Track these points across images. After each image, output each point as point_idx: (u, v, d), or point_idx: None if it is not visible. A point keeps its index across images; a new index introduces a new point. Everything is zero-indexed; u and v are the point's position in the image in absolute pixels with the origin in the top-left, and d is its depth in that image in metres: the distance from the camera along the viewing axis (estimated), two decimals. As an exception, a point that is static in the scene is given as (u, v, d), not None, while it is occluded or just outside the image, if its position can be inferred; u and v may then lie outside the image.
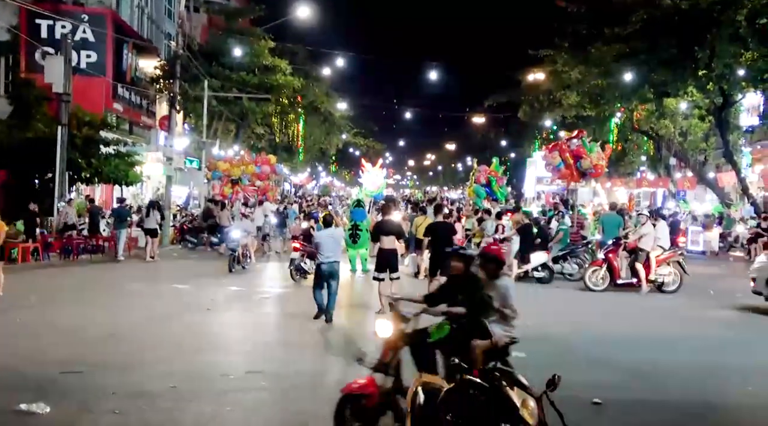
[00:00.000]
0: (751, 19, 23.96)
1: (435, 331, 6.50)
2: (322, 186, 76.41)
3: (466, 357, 5.97)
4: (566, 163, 25.37)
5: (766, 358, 10.53)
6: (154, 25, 38.60)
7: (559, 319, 13.47)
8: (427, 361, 6.25)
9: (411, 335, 6.41)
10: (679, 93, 30.49)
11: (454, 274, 7.03)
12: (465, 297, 6.66)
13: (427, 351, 6.34)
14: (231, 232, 20.12)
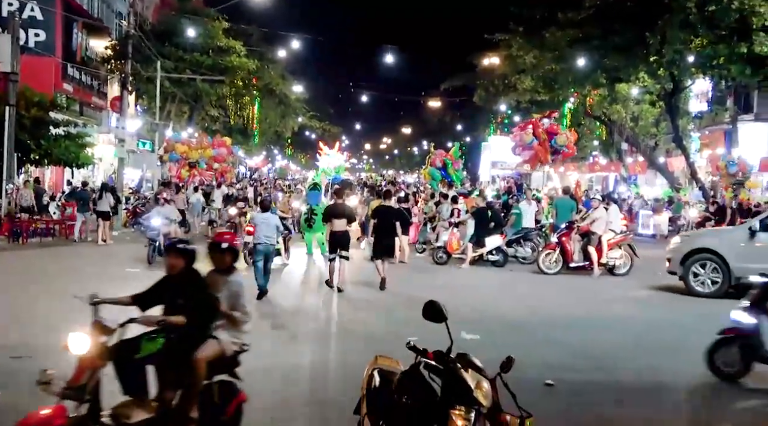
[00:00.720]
0: (701, 6, 24.35)
1: (146, 344, 5.42)
2: (277, 169, 75.92)
3: (186, 373, 5.42)
4: (540, 140, 25.58)
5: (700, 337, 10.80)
6: (104, 4, 37.78)
7: (513, 301, 13.65)
8: (136, 382, 5.34)
9: (114, 350, 5.33)
10: (631, 78, 30.93)
11: (171, 272, 5.72)
12: (185, 300, 5.50)
13: (136, 369, 5.35)
14: (151, 220, 17.47)
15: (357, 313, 12.06)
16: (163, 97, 35.57)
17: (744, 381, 8.25)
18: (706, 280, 14.24)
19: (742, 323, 8.23)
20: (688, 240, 15.10)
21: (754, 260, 13.60)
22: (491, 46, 39.55)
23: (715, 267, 14.12)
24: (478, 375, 4.18)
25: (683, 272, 14.41)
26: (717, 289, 14.03)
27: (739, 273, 13.84)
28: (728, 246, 14.19)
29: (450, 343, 4.42)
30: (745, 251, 13.96)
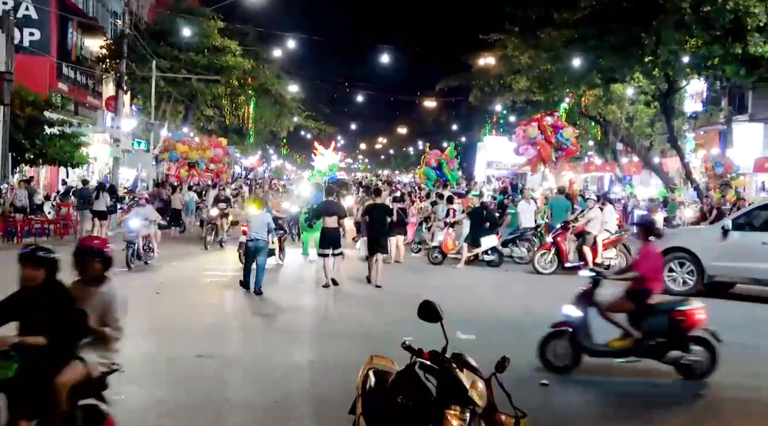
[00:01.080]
0: (696, 6, 24.40)
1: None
2: (273, 169, 75.85)
3: (44, 401, 4.77)
4: (545, 135, 25.56)
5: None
6: (100, 3, 37.67)
7: (509, 301, 13.66)
8: None
9: None
10: (626, 79, 30.98)
11: (29, 284, 4.98)
12: (45, 316, 4.83)
13: None
14: (129, 221, 16.82)
15: (352, 313, 12.06)
16: (158, 97, 35.52)
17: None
18: (679, 279, 14.38)
19: (571, 317, 8.46)
20: (662, 239, 15.14)
21: (726, 259, 13.95)
22: (487, 47, 39.57)
23: (689, 265, 14.29)
24: (474, 375, 4.19)
25: None
26: (690, 287, 14.17)
27: (712, 272, 14.13)
28: (702, 245, 14.36)
29: (445, 343, 4.42)
30: (718, 250, 14.13)
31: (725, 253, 14.03)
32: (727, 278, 14.45)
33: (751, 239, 14.00)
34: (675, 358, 8.14)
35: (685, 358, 8.12)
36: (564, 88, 33.79)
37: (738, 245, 14.00)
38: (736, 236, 14.05)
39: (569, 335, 8.38)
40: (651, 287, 8.51)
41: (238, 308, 12.55)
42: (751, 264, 13.78)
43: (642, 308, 8.40)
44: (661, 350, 8.18)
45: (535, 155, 26.27)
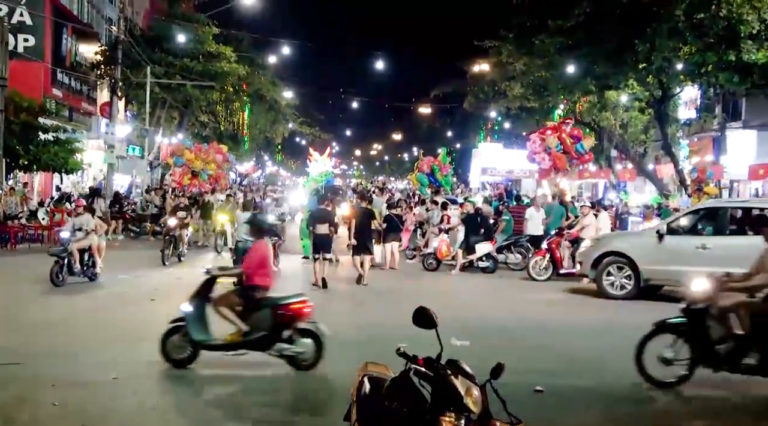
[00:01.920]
0: (689, 14, 24.49)
1: None
2: (267, 175, 75.84)
3: None
4: (564, 146, 25.50)
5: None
6: (94, 9, 37.71)
7: (503, 308, 13.66)
8: None
9: None
10: (620, 85, 31.03)
11: None
12: None
13: None
14: (60, 232, 15.52)
15: (346, 319, 12.04)
16: (152, 103, 35.51)
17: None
18: (617, 283, 14.61)
19: (184, 312, 8.69)
20: (599, 244, 15.39)
21: (662, 263, 14.25)
22: (481, 53, 39.65)
23: (626, 270, 14.55)
24: (468, 381, 4.18)
25: (596, 275, 14.78)
26: (628, 291, 14.48)
27: (648, 275, 14.46)
28: (637, 249, 14.59)
29: (440, 350, 4.42)
30: (653, 254, 14.38)
31: (661, 257, 14.33)
32: (662, 282, 14.81)
33: (686, 243, 14.36)
34: (280, 350, 8.43)
35: (290, 350, 8.43)
36: (558, 95, 33.85)
37: (673, 249, 14.30)
38: (671, 240, 14.37)
39: (183, 330, 8.56)
40: (255, 282, 8.77)
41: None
42: (685, 267, 13.73)
43: (249, 303, 8.68)
44: (267, 342, 8.44)
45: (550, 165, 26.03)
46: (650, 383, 8.19)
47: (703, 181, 27.85)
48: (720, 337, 8.15)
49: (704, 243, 14.11)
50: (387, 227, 18.68)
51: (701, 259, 13.75)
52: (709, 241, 14.17)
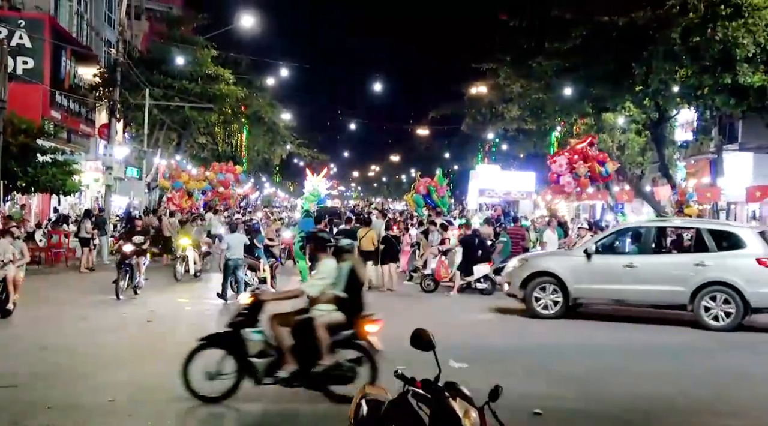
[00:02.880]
0: (685, 36, 24.68)
1: None
2: (264, 197, 75.88)
3: None
4: (592, 172, 25.46)
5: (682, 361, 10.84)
6: (93, 32, 37.90)
7: (502, 329, 13.64)
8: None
9: None
10: (617, 108, 31.19)
11: None
12: None
13: None
14: None
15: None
16: (151, 125, 35.60)
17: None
18: (545, 302, 14.68)
19: None
20: (527, 263, 15.40)
21: (590, 282, 14.48)
22: (479, 75, 39.86)
23: (555, 289, 14.63)
24: (467, 404, 4.18)
25: (526, 295, 14.81)
26: (557, 310, 14.57)
27: (577, 294, 14.67)
28: (566, 269, 14.69)
29: (438, 372, 4.42)
30: (582, 274, 14.54)
31: (589, 276, 14.52)
32: (590, 300, 15.01)
33: (613, 262, 14.65)
34: None
35: None
36: (556, 117, 34.01)
37: (601, 268, 14.50)
38: (598, 260, 14.55)
39: None
40: None
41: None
42: (613, 286, 14.41)
43: None
44: None
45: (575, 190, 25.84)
46: (196, 398, 8.03)
47: (684, 203, 28.01)
48: (260, 350, 8.16)
49: (631, 262, 14.42)
50: (384, 249, 18.70)
51: (629, 278, 14.21)
52: (636, 260, 14.49)
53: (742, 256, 14.00)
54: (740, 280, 13.60)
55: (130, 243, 16.53)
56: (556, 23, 28.90)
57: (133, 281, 16.39)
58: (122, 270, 16.00)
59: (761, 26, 23.65)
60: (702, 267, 13.96)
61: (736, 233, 14.73)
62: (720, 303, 13.72)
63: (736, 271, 13.76)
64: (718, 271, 13.85)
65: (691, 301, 13.91)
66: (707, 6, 24.44)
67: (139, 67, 32.87)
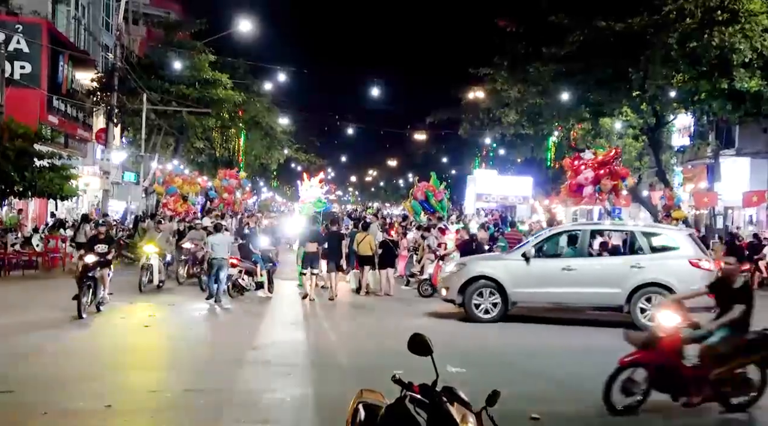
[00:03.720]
0: (682, 42, 24.74)
1: None
2: (260, 201, 75.85)
3: None
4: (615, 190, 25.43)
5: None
6: (91, 37, 37.90)
7: (499, 334, 13.62)
8: None
9: None
10: (614, 113, 31.28)
11: None
12: None
13: None
14: None
15: (342, 346, 12.01)
16: (148, 129, 35.58)
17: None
18: (484, 306, 14.62)
19: None
20: (466, 268, 15.24)
21: (529, 285, 14.52)
22: (476, 80, 39.88)
23: (493, 293, 14.61)
24: (464, 409, 4.18)
25: (465, 300, 14.70)
26: (495, 314, 14.54)
27: (516, 298, 14.67)
28: (505, 273, 14.69)
29: (435, 377, 4.41)
30: (520, 277, 14.57)
31: (528, 279, 14.55)
32: (529, 304, 15.04)
33: (551, 265, 14.78)
34: None
35: None
36: (553, 122, 34.08)
37: (539, 271, 14.59)
38: (537, 263, 14.65)
39: None
40: None
41: (228, 342, 12.46)
42: (552, 289, 14.51)
43: None
44: None
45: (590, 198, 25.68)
46: None
47: (672, 207, 28.08)
48: None
49: (569, 265, 14.57)
50: (383, 253, 18.69)
51: (567, 281, 14.33)
52: (574, 263, 14.63)
53: (676, 257, 14.37)
54: (674, 281, 13.85)
55: (92, 253, 14.56)
56: (553, 29, 28.97)
57: (96, 297, 14.43)
58: (84, 284, 13.91)
59: (758, 32, 23.75)
60: (638, 269, 14.25)
61: (669, 235, 15.23)
62: (655, 304, 13.83)
63: (671, 272, 14.08)
64: (654, 272, 14.16)
65: (627, 303, 14.14)
66: (704, 12, 24.54)
67: (136, 72, 32.87)
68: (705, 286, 9.33)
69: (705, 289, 9.19)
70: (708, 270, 14.28)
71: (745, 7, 24.05)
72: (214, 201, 38.71)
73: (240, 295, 17.01)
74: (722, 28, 23.84)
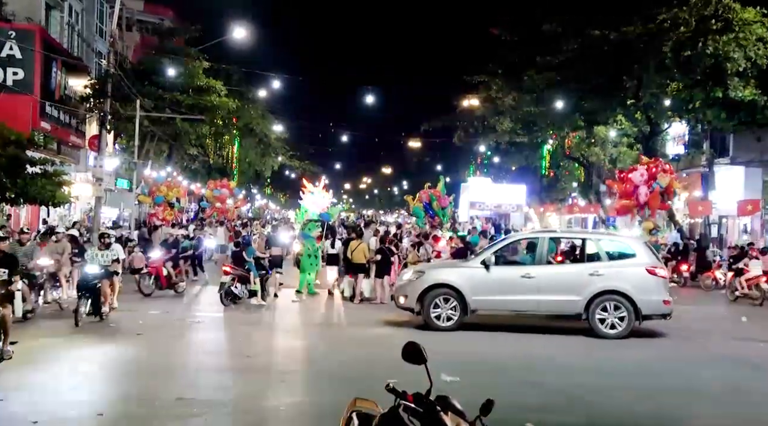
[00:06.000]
0: (676, 50, 24.86)
1: None
2: (255, 209, 75.82)
3: None
4: (668, 189, 25.37)
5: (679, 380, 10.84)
6: (84, 43, 37.87)
7: (494, 343, 13.61)
8: None
9: None
10: (609, 121, 31.40)
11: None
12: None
13: None
14: None
15: (335, 354, 11.98)
16: (141, 136, 35.53)
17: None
18: (443, 314, 14.49)
19: None
20: (425, 276, 15.07)
21: (488, 293, 14.46)
22: (471, 88, 40.00)
23: (452, 301, 14.49)
24: (458, 418, 4.16)
25: (423, 308, 14.56)
26: (454, 322, 14.44)
27: (476, 306, 14.57)
28: (465, 280, 14.61)
29: (429, 386, 4.40)
30: (480, 285, 14.52)
31: (487, 287, 14.51)
32: (489, 311, 14.97)
33: (511, 273, 14.78)
34: None
35: None
36: (547, 130, 34.21)
37: (499, 279, 14.57)
38: (496, 271, 14.63)
39: None
40: None
41: (220, 351, 12.43)
42: (511, 296, 14.50)
43: None
44: None
45: (643, 202, 25.60)
46: None
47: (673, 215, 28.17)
48: None
49: (528, 272, 14.55)
50: (380, 261, 18.67)
51: (526, 288, 14.35)
52: (533, 270, 14.60)
53: (633, 265, 14.46)
54: (632, 289, 14.02)
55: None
56: (547, 37, 29.10)
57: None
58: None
59: (752, 41, 23.90)
60: (597, 276, 14.31)
61: (627, 243, 15.38)
62: (612, 311, 14.06)
63: (628, 280, 14.22)
64: (612, 280, 14.24)
65: (586, 310, 14.19)
66: (698, 20, 24.69)
67: (130, 79, 32.82)
68: None
69: None
70: (663, 278, 14.56)
71: (739, 16, 24.21)
72: (206, 210, 38.87)
73: (234, 304, 16.94)
74: (716, 37, 23.98)
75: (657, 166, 25.60)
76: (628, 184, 25.66)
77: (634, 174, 25.52)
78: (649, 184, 25.31)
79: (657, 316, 14.47)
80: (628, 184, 25.73)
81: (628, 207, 26.22)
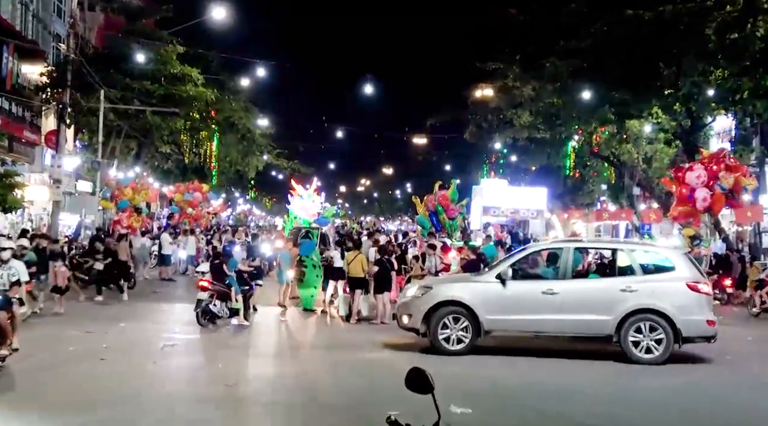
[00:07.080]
0: (722, 33, 24.84)
1: None
2: (236, 215, 75.89)
3: None
4: (737, 186, 25.29)
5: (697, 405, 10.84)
6: (40, 25, 37.92)
7: (509, 368, 13.58)
8: None
9: None
10: (643, 114, 31.35)
11: None
12: None
13: None
14: None
15: (328, 382, 11.98)
16: (106, 132, 35.56)
17: None
18: (453, 336, 14.39)
19: None
20: (431, 292, 15.00)
21: (505, 312, 14.38)
22: (484, 76, 40.06)
23: (463, 320, 14.41)
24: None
25: (430, 328, 14.50)
26: (465, 345, 14.35)
27: (490, 326, 14.45)
28: (477, 297, 14.53)
29: (437, 418, 4.40)
30: (495, 302, 14.45)
31: (503, 304, 14.45)
32: (506, 332, 14.91)
33: (530, 288, 14.62)
34: None
35: None
36: (572, 125, 34.17)
37: (516, 295, 14.48)
38: (514, 286, 14.54)
39: None
40: None
41: (194, 378, 12.42)
42: (530, 316, 14.38)
43: None
44: None
45: (706, 206, 25.41)
46: None
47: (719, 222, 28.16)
48: None
49: (550, 288, 14.45)
50: (378, 275, 18.60)
51: (548, 306, 14.26)
52: (556, 286, 14.50)
53: (672, 279, 14.38)
54: (670, 307, 13.93)
55: None
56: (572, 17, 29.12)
57: None
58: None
59: (808, 22, 23.88)
60: (630, 293, 14.18)
61: (665, 254, 15.26)
62: (647, 332, 13.97)
63: (666, 297, 14.11)
64: (648, 297, 14.14)
65: (617, 332, 14.11)
66: (746, -2, 24.67)
67: (93, 66, 32.86)
68: None
69: None
70: (707, 294, 14.40)
71: (795, -8, 24.22)
72: (174, 216, 38.86)
73: (212, 324, 16.90)
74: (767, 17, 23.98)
75: (720, 163, 25.28)
76: (684, 187, 25.42)
77: (690, 175, 25.19)
78: (710, 185, 25.03)
79: (699, 339, 14.36)
80: (684, 188, 25.53)
81: (687, 213, 26.02)
